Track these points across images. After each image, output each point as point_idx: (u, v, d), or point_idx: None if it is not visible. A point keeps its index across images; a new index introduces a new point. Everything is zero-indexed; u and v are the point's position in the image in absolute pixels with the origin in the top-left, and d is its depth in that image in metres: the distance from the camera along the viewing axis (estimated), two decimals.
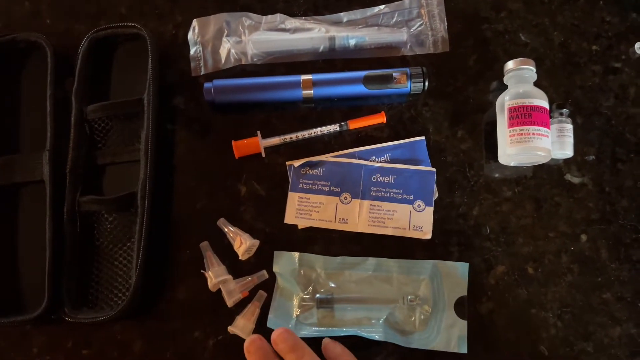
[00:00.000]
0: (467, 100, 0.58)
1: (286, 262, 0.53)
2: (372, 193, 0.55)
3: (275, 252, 0.53)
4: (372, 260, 0.53)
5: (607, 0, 0.60)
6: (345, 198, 0.55)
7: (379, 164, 0.56)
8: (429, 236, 0.54)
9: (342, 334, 0.50)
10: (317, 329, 0.51)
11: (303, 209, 0.55)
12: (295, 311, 0.52)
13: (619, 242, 0.54)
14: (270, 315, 0.51)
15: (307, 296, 0.52)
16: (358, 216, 0.55)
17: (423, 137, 0.56)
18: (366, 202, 0.55)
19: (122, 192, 0.54)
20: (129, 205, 0.53)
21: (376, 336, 0.50)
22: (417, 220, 0.54)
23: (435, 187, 0.55)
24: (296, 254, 0.53)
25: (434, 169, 0.55)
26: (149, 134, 0.54)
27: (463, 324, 0.51)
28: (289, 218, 0.55)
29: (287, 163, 0.56)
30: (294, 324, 0.51)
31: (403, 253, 0.54)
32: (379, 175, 0.56)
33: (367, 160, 0.56)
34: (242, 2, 0.61)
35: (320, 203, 0.55)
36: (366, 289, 0.52)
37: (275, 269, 0.53)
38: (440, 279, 0.52)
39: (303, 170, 0.56)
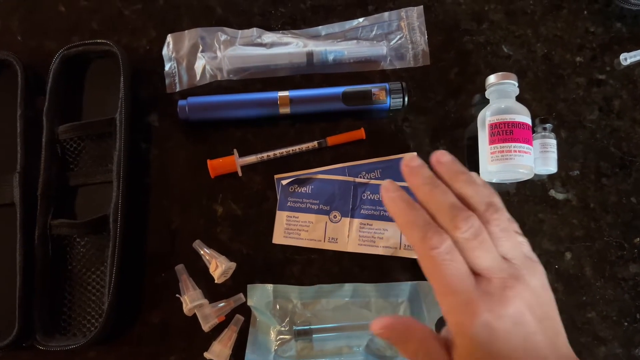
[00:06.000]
0: (448, 115, 0.56)
1: (260, 295, 0.51)
2: (362, 211, 0.54)
3: (249, 286, 0.52)
4: (348, 287, 0.51)
5: (591, 10, 0.59)
6: (335, 216, 0.54)
7: (368, 181, 0.54)
8: None
9: None
10: None
11: (292, 229, 0.54)
12: (274, 345, 0.50)
13: (603, 259, 0.53)
14: (247, 351, 0.50)
15: (284, 328, 0.50)
16: (348, 235, 0.54)
17: (415, 154, 0.55)
18: (356, 221, 0.54)
19: (94, 215, 0.52)
20: (101, 229, 0.52)
21: None
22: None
23: None
24: (270, 286, 0.51)
25: None
26: (121, 155, 0.52)
27: None
28: (277, 238, 0.54)
29: (276, 177, 0.55)
30: (273, 358, 0.50)
31: (382, 274, 0.52)
32: (369, 192, 0.54)
33: (356, 176, 0.55)
34: (218, 16, 0.59)
35: (310, 222, 0.54)
36: (344, 316, 0.51)
37: (249, 302, 0.51)
38: (419, 300, 0.51)
39: (291, 188, 0.55)
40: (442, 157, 0.38)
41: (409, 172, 0.36)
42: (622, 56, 0.57)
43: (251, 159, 0.55)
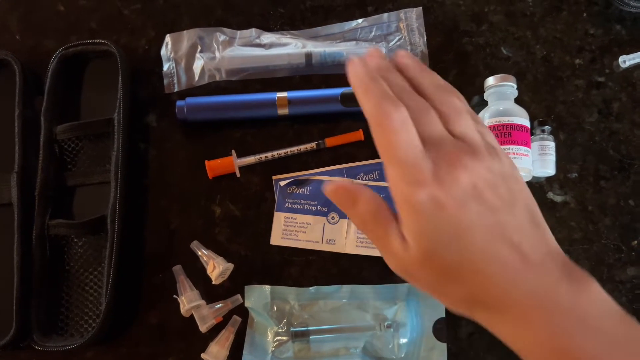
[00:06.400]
0: None
1: (258, 297, 0.51)
2: None
3: (246, 287, 0.52)
4: (346, 288, 0.51)
5: (591, 12, 0.58)
6: (333, 218, 0.54)
7: (366, 182, 0.54)
8: None
9: None
10: None
11: (289, 230, 0.54)
12: (271, 346, 0.50)
13: (601, 262, 0.53)
14: (244, 352, 0.50)
15: (281, 330, 0.50)
16: (346, 237, 0.53)
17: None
18: None
19: (92, 215, 0.52)
20: (99, 229, 0.52)
21: None
22: None
23: None
24: (267, 288, 0.51)
25: None
26: (119, 156, 0.52)
27: (442, 347, 0.50)
28: (275, 239, 0.54)
29: (274, 177, 0.55)
30: (270, 359, 0.50)
31: (380, 275, 0.52)
32: None
33: (354, 178, 0.55)
34: (217, 16, 0.59)
35: (307, 223, 0.54)
36: (342, 317, 0.51)
37: (247, 304, 0.51)
38: (417, 302, 0.51)
39: (289, 189, 0.55)
40: (403, 53, 0.37)
41: (370, 55, 0.35)
42: (621, 58, 0.57)
43: (249, 159, 0.55)
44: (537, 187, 0.54)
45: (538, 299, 0.28)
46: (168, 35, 0.58)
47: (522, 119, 0.51)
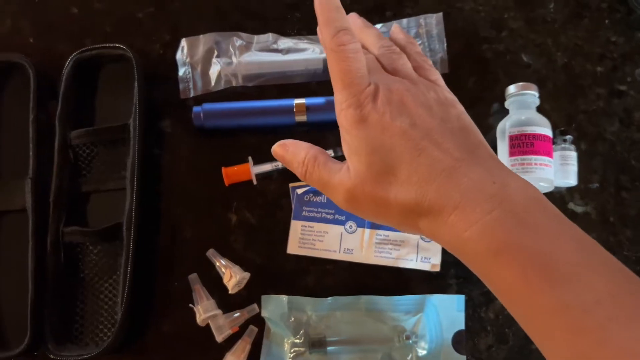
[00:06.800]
0: None
1: (275, 307, 0.51)
2: None
3: (263, 297, 0.51)
4: (364, 299, 0.51)
5: (613, 19, 0.58)
6: (351, 227, 0.53)
7: None
8: (437, 269, 0.52)
9: None
10: None
11: (306, 239, 0.53)
12: (287, 357, 0.50)
13: None
14: None
15: (298, 340, 0.50)
16: (363, 246, 0.53)
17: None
18: (372, 232, 0.53)
19: (107, 222, 0.52)
20: (115, 237, 0.51)
21: None
22: (425, 251, 0.52)
23: None
24: (285, 298, 0.51)
25: None
26: (135, 162, 0.52)
27: None
28: (292, 248, 0.53)
29: (291, 185, 0.54)
30: None
31: (399, 286, 0.52)
32: None
33: None
34: (233, 21, 0.58)
35: (325, 232, 0.53)
36: (359, 329, 0.50)
37: (264, 313, 0.50)
38: (436, 314, 0.50)
39: (306, 197, 0.54)
40: (353, 15, 0.44)
41: None
42: None
43: (266, 167, 0.54)
44: (557, 197, 0.54)
45: (471, 195, 0.29)
46: (184, 39, 0.57)
47: (545, 128, 0.51)
